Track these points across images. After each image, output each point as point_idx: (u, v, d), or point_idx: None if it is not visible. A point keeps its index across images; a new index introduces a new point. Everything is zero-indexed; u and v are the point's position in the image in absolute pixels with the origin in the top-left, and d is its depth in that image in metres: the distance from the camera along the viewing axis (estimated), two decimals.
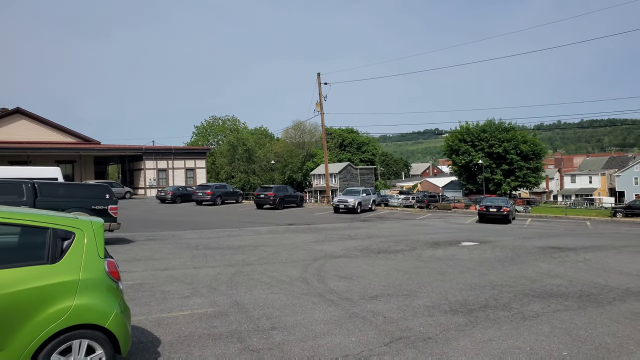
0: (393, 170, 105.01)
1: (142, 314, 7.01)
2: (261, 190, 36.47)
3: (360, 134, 79.25)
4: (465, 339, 6.18)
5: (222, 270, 10.66)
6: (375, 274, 10.70)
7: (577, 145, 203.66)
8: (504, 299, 8.49)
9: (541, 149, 66.36)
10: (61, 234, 4.44)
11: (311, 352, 5.64)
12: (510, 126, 66.94)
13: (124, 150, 52.11)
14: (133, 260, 11.89)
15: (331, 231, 20.45)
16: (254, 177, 68.99)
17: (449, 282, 9.94)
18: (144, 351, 5.55)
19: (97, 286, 4.44)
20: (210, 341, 5.94)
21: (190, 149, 58.53)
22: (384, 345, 5.90)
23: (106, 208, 14.40)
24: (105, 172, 59.87)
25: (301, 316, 7.12)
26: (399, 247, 15.33)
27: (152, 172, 51.47)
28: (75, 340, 4.21)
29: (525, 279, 10.43)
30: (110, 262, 4.71)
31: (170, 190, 40.53)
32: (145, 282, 9.29)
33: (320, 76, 43.91)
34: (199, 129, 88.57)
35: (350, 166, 65.77)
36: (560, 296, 8.77)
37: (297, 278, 9.99)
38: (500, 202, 30.05)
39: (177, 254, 12.98)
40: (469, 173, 68.16)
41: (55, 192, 13.96)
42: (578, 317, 7.33)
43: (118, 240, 15.65)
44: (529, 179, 64.73)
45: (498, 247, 15.83)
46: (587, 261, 13.19)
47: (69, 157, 48.84)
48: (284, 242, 16.32)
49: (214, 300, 7.94)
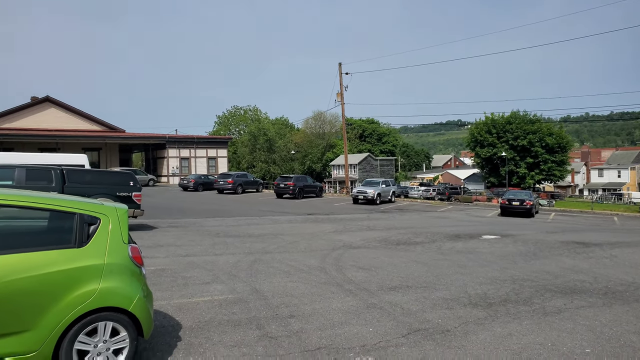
0: (414, 162, 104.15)
1: (164, 298, 7.16)
2: (281, 179, 36.67)
3: (380, 125, 78.66)
4: (484, 333, 6.14)
5: (242, 258, 10.79)
6: (394, 265, 10.68)
7: (606, 139, 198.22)
8: (525, 293, 8.38)
9: (567, 141, 64.74)
10: (87, 219, 4.55)
11: (329, 341, 5.68)
12: (535, 118, 65.50)
13: (148, 138, 52.90)
14: (156, 246, 12.12)
15: (350, 222, 20.45)
16: (274, 166, 69.32)
17: (469, 275, 9.85)
18: (166, 335, 5.68)
19: (121, 270, 4.55)
20: (230, 327, 6.03)
21: (212, 138, 59.06)
22: (402, 337, 5.90)
23: (130, 195, 14.68)
24: (129, 159, 60.92)
25: (319, 305, 7.16)
26: (419, 239, 15.25)
27: (175, 160, 52.18)
28: (100, 323, 4.34)
29: (548, 274, 10.27)
30: (133, 248, 4.81)
31: (192, 179, 41.03)
32: (167, 267, 9.47)
33: (341, 66, 43.66)
34: (220, 119, 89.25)
35: (370, 157, 65.44)
36: (584, 292, 8.61)
37: (315, 267, 10.04)
38: (523, 196, 29.54)
39: (199, 241, 13.18)
40: (491, 165, 67.07)
41: (82, 178, 14.30)
42: (603, 314, 7.19)
43: (141, 226, 15.96)
44: (553, 172, 63.34)
45: (520, 241, 15.60)
46: (613, 257, 12.89)
47: (95, 145, 49.88)
48: (303, 231, 16.40)
49: (234, 287, 8.06)
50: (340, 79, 43.60)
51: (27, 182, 13.08)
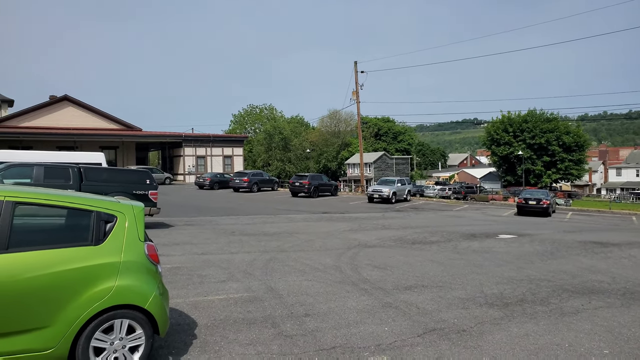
0: (429, 161, 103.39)
1: (179, 296, 7.22)
2: (296, 178, 36.72)
3: (396, 123, 78.25)
4: (500, 333, 6.07)
5: (258, 256, 10.83)
6: (410, 264, 10.61)
7: (624, 137, 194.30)
8: (542, 293, 8.26)
9: (585, 140, 63.64)
10: (104, 217, 4.60)
11: (344, 340, 5.67)
12: (552, 116, 64.50)
13: (164, 137, 53.44)
14: (172, 244, 12.23)
15: (365, 220, 20.39)
16: (289, 165, 69.46)
17: (485, 274, 9.75)
18: (181, 333, 5.72)
19: (137, 268, 4.59)
20: (245, 325, 6.06)
21: (228, 137, 59.42)
22: (417, 336, 5.86)
23: (147, 193, 14.84)
24: (146, 158, 61.63)
25: (334, 304, 7.15)
26: (434, 238, 15.14)
27: (191, 158, 52.62)
28: (117, 320, 4.38)
29: (565, 273, 10.11)
30: (149, 246, 4.85)
31: (208, 177, 41.33)
32: (183, 265, 9.55)
33: (357, 64, 43.53)
34: (236, 117, 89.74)
35: (386, 156, 65.16)
36: (602, 293, 8.46)
37: (330, 266, 10.03)
38: (540, 195, 29.15)
39: (214, 239, 13.27)
40: (508, 164, 66.26)
41: (100, 176, 14.49)
42: (621, 315, 7.06)
43: (158, 224, 16.12)
44: (571, 171, 62.32)
45: (537, 241, 15.38)
46: (632, 257, 12.64)
47: (112, 143, 50.54)
48: (318, 230, 16.40)
49: (249, 286, 8.09)
50: (356, 78, 43.49)
51: (45, 180, 13.30)
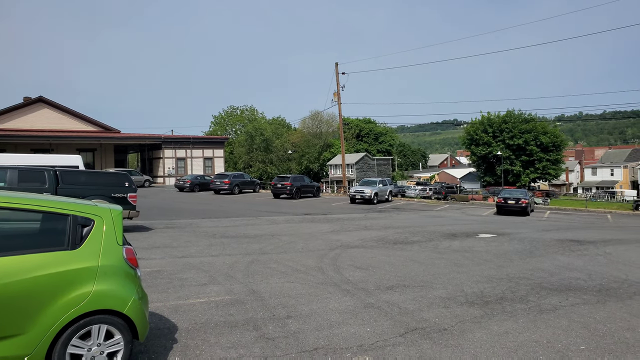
0: (410, 161, 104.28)
1: (159, 300, 7.12)
2: (278, 179, 36.62)
3: (377, 125, 78.77)
4: (481, 331, 6.14)
5: (239, 259, 10.76)
6: (391, 264, 10.68)
7: (599, 137, 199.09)
8: (521, 291, 8.40)
9: (561, 140, 65.03)
10: (81, 220, 4.51)
11: (326, 341, 5.67)
12: (530, 117, 65.73)
13: (143, 139, 52.73)
14: (151, 247, 12.07)
15: (347, 221, 20.45)
16: (271, 166, 69.25)
17: (465, 273, 9.87)
18: (161, 337, 5.64)
19: (115, 273, 4.51)
20: (227, 328, 6.01)
21: (208, 139, 58.93)
22: (399, 336, 5.89)
23: (125, 196, 14.61)
24: (125, 160, 60.74)
25: (317, 305, 7.15)
26: (416, 238, 15.26)
27: (171, 160, 52.04)
28: (94, 326, 4.30)
29: (543, 271, 10.30)
30: (128, 249, 4.77)
31: (188, 179, 40.91)
32: (163, 269, 9.43)
33: (338, 66, 43.65)
34: (217, 119, 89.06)
35: (367, 157, 65.50)
36: (578, 290, 8.64)
37: (313, 267, 10.02)
38: (518, 194, 29.64)
39: (195, 242, 13.14)
40: (487, 164, 67.25)
41: (77, 179, 14.21)
42: (597, 311, 7.22)
43: (137, 227, 15.89)
44: (548, 170, 63.62)
45: (516, 240, 15.64)
46: (607, 255, 12.95)
47: (89, 146, 49.66)
48: (301, 231, 16.38)
49: (231, 288, 8.03)
50: (337, 79, 43.60)
51: (20, 183, 12.99)
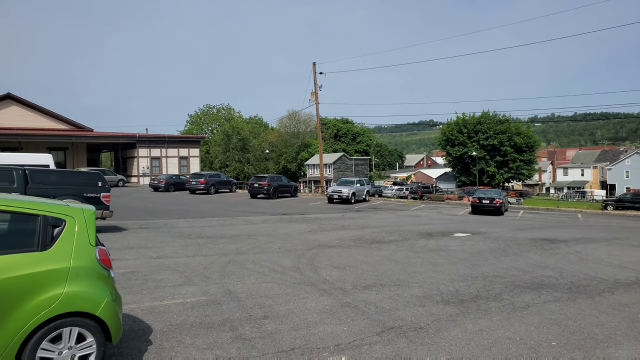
0: (387, 161, 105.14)
1: (134, 302, 6.99)
2: (255, 179, 36.39)
3: (355, 125, 79.15)
4: (456, 329, 6.23)
5: (215, 259, 10.65)
6: (368, 263, 10.73)
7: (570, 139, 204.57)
8: (495, 289, 8.55)
9: (535, 141, 66.66)
10: (52, 221, 4.40)
11: (303, 341, 5.66)
12: (504, 118, 67.13)
13: (117, 137, 51.71)
14: (125, 248, 11.85)
15: (325, 221, 20.47)
16: (248, 166, 68.83)
17: (441, 272, 9.99)
18: (136, 339, 5.54)
19: (88, 274, 4.41)
20: (203, 329, 5.94)
21: (184, 138, 58.18)
22: (376, 335, 5.93)
23: (98, 196, 14.31)
24: (98, 159, 59.47)
25: (293, 305, 7.13)
26: (392, 238, 15.39)
27: (146, 160, 51.19)
28: (65, 328, 4.19)
29: (517, 270, 10.51)
30: (101, 250, 4.68)
31: (163, 179, 40.32)
32: (138, 270, 9.27)
33: (315, 65, 43.68)
34: (192, 118, 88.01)
35: (345, 157, 65.73)
36: (550, 287, 8.85)
37: (290, 267, 10.00)
38: (493, 194, 30.19)
39: (170, 243, 12.95)
40: (462, 165, 68.36)
41: (47, 179, 13.84)
42: (568, 308, 7.40)
43: (110, 228, 15.58)
44: (522, 171, 65.09)
45: (490, 239, 15.92)
46: (577, 253, 13.30)
47: (61, 144, 48.42)
48: (278, 231, 16.32)
49: (207, 289, 7.94)
50: (315, 79, 43.62)
51: None
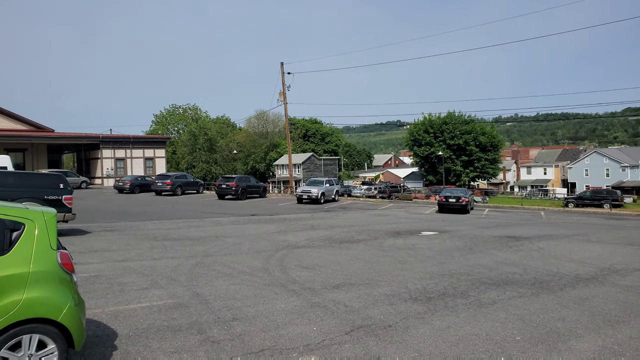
0: (356, 161, 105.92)
1: (98, 306, 6.80)
2: (223, 180, 35.96)
3: (323, 125, 79.29)
4: (424, 327, 6.32)
5: (182, 262, 10.47)
6: (338, 263, 10.78)
7: (533, 138, 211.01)
8: (462, 287, 8.73)
9: (499, 140, 68.55)
10: (9, 224, 4.24)
11: (272, 342, 5.63)
12: (470, 118, 68.71)
13: (79, 138, 50.17)
14: (89, 251, 11.51)
15: (294, 221, 20.44)
16: (215, 167, 68.00)
17: (409, 270, 10.13)
18: (100, 345, 5.39)
19: (49, 279, 4.26)
20: (170, 333, 5.83)
21: (149, 138, 56.95)
22: (345, 334, 5.96)
23: (60, 198, 13.84)
24: (59, 161, 57.51)
25: (263, 307, 7.09)
26: (361, 237, 15.50)
27: (110, 161, 49.86)
28: (25, 335, 4.04)
29: (483, 267, 10.77)
30: (63, 254, 4.52)
31: (128, 180, 39.39)
32: (102, 274, 9.01)
33: (283, 65, 43.55)
34: (158, 118, 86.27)
35: (314, 157, 65.81)
36: (515, 284, 9.10)
37: (259, 269, 9.93)
38: (459, 193, 30.82)
39: (135, 245, 12.65)
40: (429, 164, 69.59)
41: (4, 181, 13.29)
42: (531, 304, 7.63)
43: (73, 231, 15.10)
44: (487, 170, 66.79)
45: (457, 237, 16.25)
46: (540, 250, 13.73)
47: (19, 145, 46.59)
48: (246, 232, 16.19)
49: (174, 292, 7.80)
50: (283, 79, 43.48)
51: None
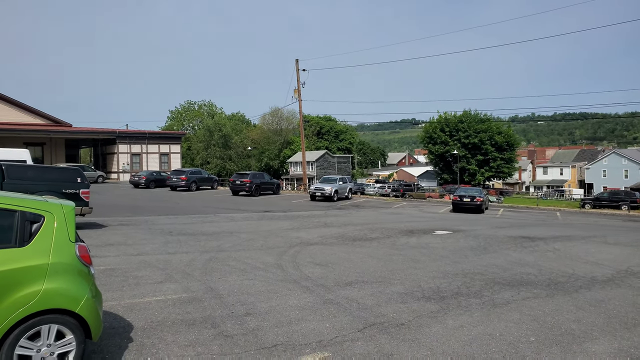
0: (370, 159, 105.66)
1: (114, 299, 6.90)
2: (237, 176, 36.14)
3: (338, 122, 79.23)
4: (437, 325, 6.30)
5: (197, 256, 10.57)
6: (351, 261, 10.78)
7: (550, 138, 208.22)
8: (475, 286, 8.67)
9: (515, 140, 67.75)
10: (30, 217, 4.32)
11: (285, 337, 5.66)
12: (485, 117, 68.00)
13: (96, 133, 50.88)
14: (105, 245, 11.68)
15: (307, 219, 20.48)
16: (230, 163, 68.34)
17: (422, 269, 10.09)
18: (116, 336, 5.47)
19: (67, 270, 4.35)
20: (184, 327, 5.90)
21: (164, 134, 57.51)
22: (358, 331, 5.96)
23: (78, 192, 14.07)
24: (77, 155, 58.44)
25: (276, 302, 7.13)
26: (374, 235, 15.47)
27: (126, 156, 50.48)
28: (44, 326, 4.13)
29: (497, 267, 10.68)
30: (81, 246, 4.61)
31: (144, 175, 39.80)
32: (118, 267, 9.15)
33: (298, 62, 43.56)
34: (173, 114, 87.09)
35: (328, 154, 65.79)
36: (529, 284, 9.01)
37: (272, 265, 9.98)
38: (473, 192, 30.57)
39: (151, 240, 12.81)
40: (444, 163, 69.06)
41: (24, 174, 13.55)
42: (546, 305, 7.55)
43: (90, 224, 15.34)
44: (502, 169, 66.05)
45: (471, 236, 16.13)
46: (556, 250, 13.56)
47: (38, 140, 47.40)
48: (260, 229, 16.27)
49: (188, 286, 7.88)
50: (298, 76, 43.52)
51: None
